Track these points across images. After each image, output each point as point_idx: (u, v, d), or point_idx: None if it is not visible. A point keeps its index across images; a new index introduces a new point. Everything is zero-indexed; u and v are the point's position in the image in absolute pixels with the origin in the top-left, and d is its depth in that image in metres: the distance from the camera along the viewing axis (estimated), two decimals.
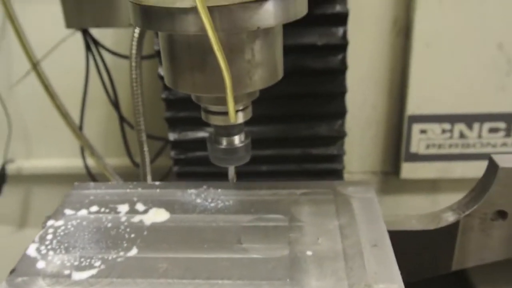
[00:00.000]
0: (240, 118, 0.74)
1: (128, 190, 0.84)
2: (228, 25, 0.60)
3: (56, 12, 1.23)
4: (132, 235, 0.73)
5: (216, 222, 0.75)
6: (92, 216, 0.78)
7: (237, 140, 0.77)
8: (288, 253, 0.68)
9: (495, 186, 0.73)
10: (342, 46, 1.08)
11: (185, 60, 0.66)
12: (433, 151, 1.30)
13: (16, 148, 1.69)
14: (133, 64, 1.09)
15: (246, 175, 0.83)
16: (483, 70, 1.22)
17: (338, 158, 1.18)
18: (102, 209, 0.79)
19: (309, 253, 0.68)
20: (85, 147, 1.31)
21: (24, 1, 1.42)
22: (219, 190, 0.83)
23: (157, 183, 0.87)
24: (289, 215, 0.76)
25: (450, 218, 0.77)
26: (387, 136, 1.34)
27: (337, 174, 1.20)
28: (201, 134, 1.15)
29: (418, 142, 1.29)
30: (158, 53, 1.05)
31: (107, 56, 1.42)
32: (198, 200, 0.81)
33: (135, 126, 1.17)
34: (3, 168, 1.70)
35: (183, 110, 1.13)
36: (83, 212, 0.79)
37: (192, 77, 0.67)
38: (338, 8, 1.05)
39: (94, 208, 0.80)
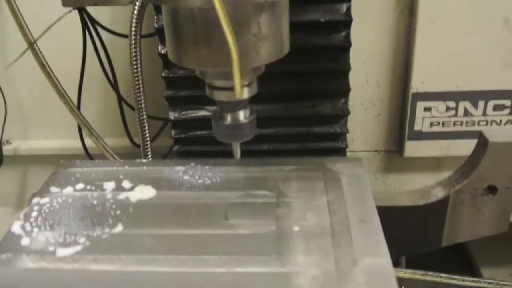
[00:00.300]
0: (246, 94, 0.72)
1: (114, 168, 0.84)
2: None
3: None
4: (118, 212, 0.72)
5: (203, 199, 0.75)
6: (77, 193, 0.77)
7: (242, 115, 0.76)
8: (275, 228, 0.67)
9: (485, 161, 0.72)
10: (345, 22, 1.06)
11: (190, 34, 0.65)
12: (437, 129, 1.29)
13: (13, 129, 1.67)
14: (133, 42, 1.07)
15: (248, 154, 0.82)
16: (488, 47, 1.20)
17: (341, 136, 1.17)
18: (88, 187, 0.79)
19: (296, 228, 0.67)
20: (83, 127, 1.29)
21: None
22: (207, 167, 0.82)
23: (144, 160, 0.86)
24: (277, 191, 0.75)
25: (440, 193, 0.76)
26: (391, 114, 1.32)
27: (340, 153, 1.19)
28: (202, 113, 1.14)
29: (422, 120, 1.28)
30: (158, 31, 1.03)
31: (104, 34, 1.39)
32: (186, 177, 0.80)
33: (135, 105, 1.15)
34: (0, 149, 1.67)
35: (183, 89, 1.12)
36: (69, 189, 0.78)
37: (196, 52, 0.65)
38: None
39: (80, 186, 0.79)
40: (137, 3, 1.06)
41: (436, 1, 1.16)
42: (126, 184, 0.79)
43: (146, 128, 1.18)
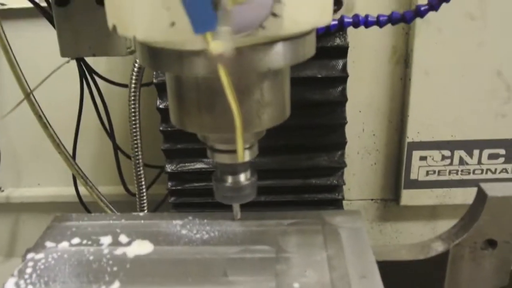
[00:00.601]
0: (247, 157, 0.72)
1: (111, 222, 0.82)
2: (238, 67, 0.58)
3: (51, 41, 1.21)
4: (115, 268, 0.71)
5: (202, 254, 0.73)
6: (73, 248, 0.76)
7: (243, 177, 0.75)
8: (274, 286, 0.66)
9: (484, 215, 0.72)
10: (342, 78, 1.08)
11: (193, 101, 0.64)
12: (433, 177, 1.29)
13: (6, 176, 1.65)
14: (132, 94, 1.07)
15: (245, 206, 0.82)
16: (482, 97, 1.21)
17: (338, 188, 1.17)
18: (84, 241, 0.77)
19: (296, 285, 0.66)
20: (78, 176, 1.28)
21: (18, 30, 1.40)
22: (205, 220, 0.82)
23: (141, 214, 0.85)
24: (276, 246, 0.74)
25: (439, 247, 0.76)
26: (387, 163, 1.33)
27: (336, 204, 1.19)
28: (199, 165, 1.14)
29: (418, 169, 1.28)
30: (156, 86, 1.04)
31: (101, 83, 1.39)
32: (183, 231, 0.79)
33: (132, 155, 1.15)
34: None
35: (180, 142, 1.12)
36: (65, 244, 0.77)
37: (200, 118, 0.65)
38: (338, 41, 1.05)
39: (75, 240, 0.78)
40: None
41: (430, 53, 1.18)
42: (123, 238, 0.78)
43: (142, 177, 1.18)
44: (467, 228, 0.74)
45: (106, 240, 0.77)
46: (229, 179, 0.75)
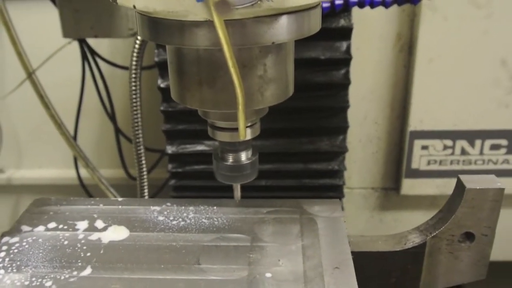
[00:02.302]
0: (249, 135, 0.72)
1: (89, 206, 0.82)
2: (241, 39, 0.57)
3: (53, 21, 1.20)
4: (88, 254, 0.71)
5: (176, 241, 0.73)
6: (49, 233, 0.76)
7: (243, 156, 0.75)
8: (246, 274, 0.66)
9: (462, 208, 0.71)
10: (345, 60, 1.07)
11: (194, 75, 0.64)
12: (434, 167, 1.29)
13: (7, 157, 1.65)
14: (133, 75, 1.07)
15: (245, 190, 0.81)
16: (486, 86, 1.20)
17: (338, 173, 1.16)
18: (60, 226, 0.77)
19: (268, 275, 0.66)
20: (79, 158, 1.28)
21: (21, 10, 1.40)
22: (182, 207, 0.81)
23: (120, 199, 0.84)
24: (252, 235, 0.74)
25: (416, 239, 0.75)
26: (388, 152, 1.32)
27: (337, 190, 1.18)
28: (200, 147, 1.13)
29: (419, 158, 1.28)
30: (158, 65, 1.03)
31: (103, 65, 1.39)
32: (160, 218, 0.79)
33: (133, 138, 1.15)
34: None
35: (181, 123, 1.11)
36: (40, 228, 0.77)
37: (200, 93, 0.65)
38: (342, 22, 1.04)
39: (52, 225, 0.78)
40: (139, 39, 1.06)
41: (434, 40, 1.17)
42: (99, 224, 0.78)
43: (143, 161, 1.18)
44: (445, 220, 0.73)
45: (82, 225, 0.78)
46: (230, 158, 0.75)
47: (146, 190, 1.23)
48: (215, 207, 0.81)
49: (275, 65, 0.64)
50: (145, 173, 1.20)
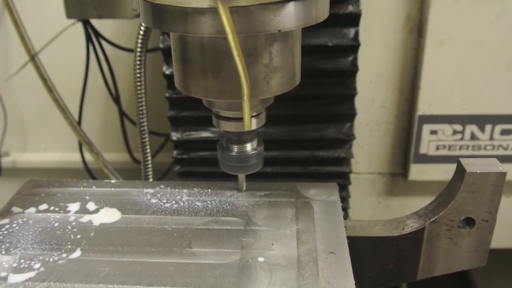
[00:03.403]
0: (254, 125, 0.70)
1: (81, 188, 0.81)
2: (246, 27, 0.55)
3: (56, 2, 1.18)
4: (78, 236, 0.70)
5: (168, 224, 0.72)
6: (40, 215, 0.75)
7: (249, 147, 0.73)
8: (238, 258, 0.65)
9: (462, 192, 0.69)
10: (353, 47, 1.05)
11: (198, 63, 0.62)
12: (443, 152, 1.26)
13: (12, 141, 1.65)
14: (138, 58, 1.05)
15: (250, 177, 0.80)
16: (497, 70, 1.18)
17: (345, 161, 1.15)
18: (52, 208, 0.76)
19: (261, 259, 0.65)
20: (83, 142, 1.27)
21: None
22: (176, 190, 0.80)
23: (113, 181, 0.83)
24: (246, 218, 0.73)
25: (415, 224, 0.73)
26: (396, 137, 1.30)
27: (343, 177, 1.17)
28: (205, 134, 1.12)
29: (427, 143, 1.26)
30: (163, 51, 1.01)
31: (108, 47, 1.37)
32: (153, 200, 0.78)
33: (137, 122, 1.13)
34: None
35: (186, 109, 1.10)
36: (31, 210, 0.76)
37: (205, 82, 0.63)
38: (350, 8, 1.02)
39: (43, 207, 0.77)
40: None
41: (445, 22, 1.14)
42: (91, 206, 0.77)
43: (147, 144, 1.17)
44: (444, 205, 0.71)
45: (73, 207, 0.77)
46: (235, 148, 0.73)
47: (150, 174, 1.23)
48: (209, 190, 0.80)
49: (281, 54, 0.62)
50: (149, 157, 1.19)
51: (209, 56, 0.61)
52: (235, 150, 0.73)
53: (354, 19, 1.02)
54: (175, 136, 1.10)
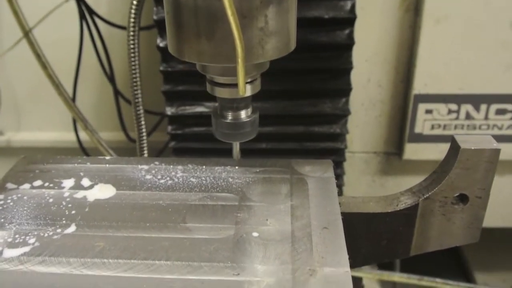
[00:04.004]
0: (249, 91, 0.69)
1: (76, 165, 0.81)
2: None
3: None
4: (73, 212, 0.70)
5: (163, 200, 0.72)
6: (34, 190, 0.75)
7: (243, 114, 0.73)
8: (233, 234, 0.65)
9: (456, 169, 0.69)
10: (349, 20, 1.04)
11: (192, 26, 0.61)
12: (438, 132, 1.27)
13: (6, 120, 1.64)
14: (131, 33, 1.04)
15: (246, 152, 0.80)
16: (493, 49, 1.18)
17: (340, 137, 1.15)
18: (46, 184, 0.76)
19: (255, 234, 0.65)
20: (78, 120, 1.27)
21: None
22: (171, 166, 0.80)
23: (107, 157, 0.83)
24: (241, 194, 0.73)
25: (408, 200, 0.73)
26: (392, 116, 1.30)
27: (338, 153, 1.17)
28: (200, 109, 1.11)
29: (423, 122, 1.26)
30: (157, 23, 1.01)
31: (102, 25, 1.36)
32: (148, 177, 0.77)
33: (132, 99, 1.13)
34: None
35: (181, 84, 1.09)
36: (26, 186, 0.76)
37: (198, 45, 0.62)
38: None
39: (37, 183, 0.77)
40: None
41: (442, 0, 1.14)
42: (85, 182, 0.77)
43: (143, 122, 1.16)
44: (438, 182, 0.71)
45: (68, 183, 0.76)
46: (229, 115, 0.73)
47: (145, 153, 1.22)
48: (204, 166, 0.79)
49: (276, 17, 0.61)
50: (144, 135, 1.18)
51: (203, 18, 0.60)
52: (230, 117, 0.72)
53: None
54: (169, 111, 1.09)
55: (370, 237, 0.75)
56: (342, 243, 0.62)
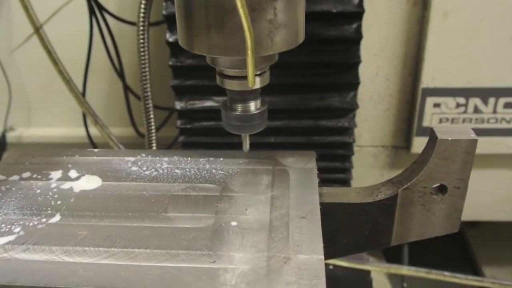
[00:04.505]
0: (258, 83, 0.70)
1: (64, 157, 0.83)
2: None
3: None
4: (59, 202, 0.72)
5: (146, 191, 0.74)
6: (22, 182, 0.77)
7: (253, 106, 0.74)
8: (212, 223, 0.66)
9: (434, 159, 0.69)
10: (357, 14, 1.04)
11: (202, 19, 0.62)
12: (446, 125, 1.27)
13: (17, 116, 1.66)
14: (141, 29, 1.06)
15: (253, 147, 0.80)
16: (501, 43, 1.18)
17: (348, 131, 1.15)
18: (34, 175, 0.78)
19: (233, 223, 0.66)
20: (88, 115, 1.28)
21: None
22: (157, 158, 0.81)
23: (95, 150, 0.85)
24: (223, 185, 0.74)
25: (388, 191, 0.73)
26: (400, 110, 1.30)
27: (347, 147, 1.17)
28: (209, 103, 1.12)
29: (431, 116, 1.26)
30: (166, 18, 1.02)
31: (111, 21, 1.37)
32: (134, 168, 0.79)
33: (141, 95, 1.14)
34: (3, 136, 1.67)
35: (190, 78, 1.10)
36: (15, 178, 0.78)
37: (208, 38, 0.63)
38: None
39: (26, 174, 0.78)
40: None
41: None
42: (72, 173, 0.78)
43: (152, 117, 1.17)
44: (417, 172, 0.72)
45: (56, 174, 0.78)
46: (239, 108, 0.74)
47: (154, 147, 1.23)
48: (188, 158, 0.81)
49: (285, 10, 0.62)
50: (153, 130, 1.20)
51: (213, 11, 0.61)
52: (239, 110, 0.73)
53: None
54: (179, 105, 1.10)
55: (351, 227, 0.76)
56: (318, 232, 0.63)
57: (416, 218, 0.74)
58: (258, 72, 0.69)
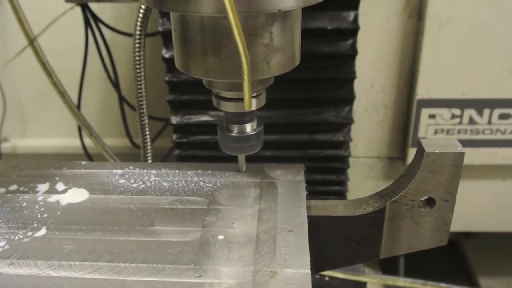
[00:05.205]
0: (254, 105, 0.70)
1: (52, 169, 0.83)
2: (247, 6, 0.56)
3: None
4: (45, 215, 0.71)
5: (133, 204, 0.73)
6: (9, 195, 0.76)
7: (249, 127, 0.74)
8: (199, 236, 0.66)
9: (421, 172, 0.69)
10: (352, 31, 1.05)
11: (199, 43, 0.62)
12: (441, 136, 1.27)
13: (11, 126, 1.65)
14: (137, 42, 1.05)
15: (249, 161, 0.80)
16: (496, 54, 1.18)
17: (344, 144, 1.15)
18: (21, 188, 0.78)
19: (220, 237, 0.66)
20: (83, 127, 1.28)
21: None
22: (145, 171, 0.81)
23: (83, 162, 0.84)
24: (210, 198, 0.74)
25: (376, 204, 0.73)
26: (395, 121, 1.30)
27: (342, 161, 1.18)
28: (204, 118, 1.12)
29: (426, 127, 1.26)
30: (162, 35, 1.01)
31: (106, 32, 1.37)
32: (121, 181, 0.79)
33: (136, 106, 1.13)
34: None
35: (186, 93, 1.10)
36: (1, 190, 0.77)
37: (205, 61, 0.63)
38: None
39: (13, 187, 0.78)
40: (143, 6, 1.04)
41: (445, 5, 1.14)
42: (59, 186, 0.78)
43: (147, 129, 1.17)
44: (405, 185, 0.72)
45: (43, 187, 0.78)
46: (235, 129, 0.74)
47: (149, 159, 1.23)
48: (176, 171, 0.81)
49: (281, 34, 0.62)
50: (148, 141, 1.19)
51: (210, 35, 0.61)
52: (235, 131, 0.73)
53: (353, 2, 1.02)
54: (174, 120, 1.10)
55: (339, 240, 0.76)
56: (305, 246, 0.63)
57: (404, 231, 0.74)
58: (254, 94, 0.69)
